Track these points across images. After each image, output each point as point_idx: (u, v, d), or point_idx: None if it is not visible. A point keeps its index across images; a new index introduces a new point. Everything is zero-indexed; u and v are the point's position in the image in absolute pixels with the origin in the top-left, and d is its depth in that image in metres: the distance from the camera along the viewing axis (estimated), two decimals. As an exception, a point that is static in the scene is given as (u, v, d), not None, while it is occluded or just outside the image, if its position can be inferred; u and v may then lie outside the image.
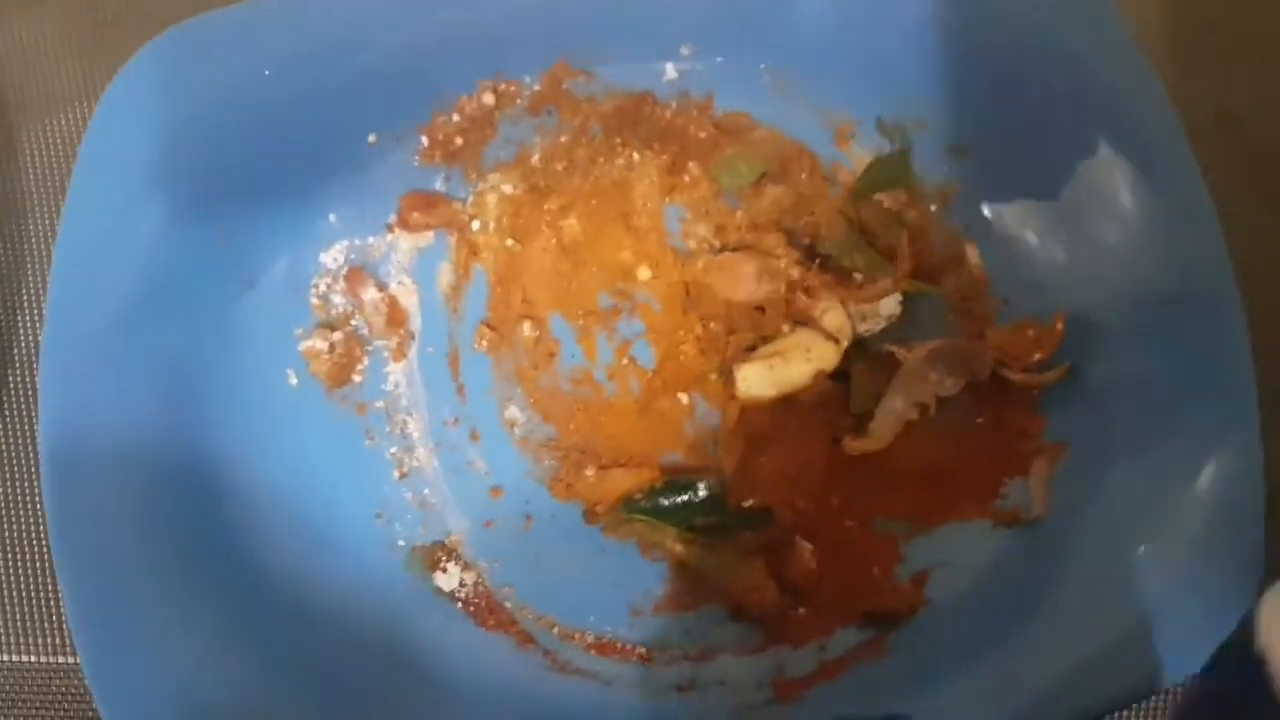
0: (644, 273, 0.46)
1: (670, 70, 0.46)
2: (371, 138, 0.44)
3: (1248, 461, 0.41)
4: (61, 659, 0.43)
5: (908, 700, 0.40)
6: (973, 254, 0.47)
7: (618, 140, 0.47)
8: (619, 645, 0.42)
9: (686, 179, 0.47)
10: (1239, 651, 0.31)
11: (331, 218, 0.44)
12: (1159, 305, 0.42)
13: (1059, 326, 0.44)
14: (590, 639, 0.42)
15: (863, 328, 0.44)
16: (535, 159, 0.47)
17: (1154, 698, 0.44)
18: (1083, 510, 0.43)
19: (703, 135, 0.48)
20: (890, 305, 0.44)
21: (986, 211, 0.46)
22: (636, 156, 0.47)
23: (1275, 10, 0.51)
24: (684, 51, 0.46)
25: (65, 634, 0.44)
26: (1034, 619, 0.41)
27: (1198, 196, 0.41)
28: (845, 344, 0.43)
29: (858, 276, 0.45)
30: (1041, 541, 0.43)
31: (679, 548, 0.43)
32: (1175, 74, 0.49)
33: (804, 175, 0.47)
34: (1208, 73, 0.50)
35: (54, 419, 0.38)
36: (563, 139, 0.47)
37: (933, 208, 0.47)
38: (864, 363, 0.45)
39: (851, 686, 0.40)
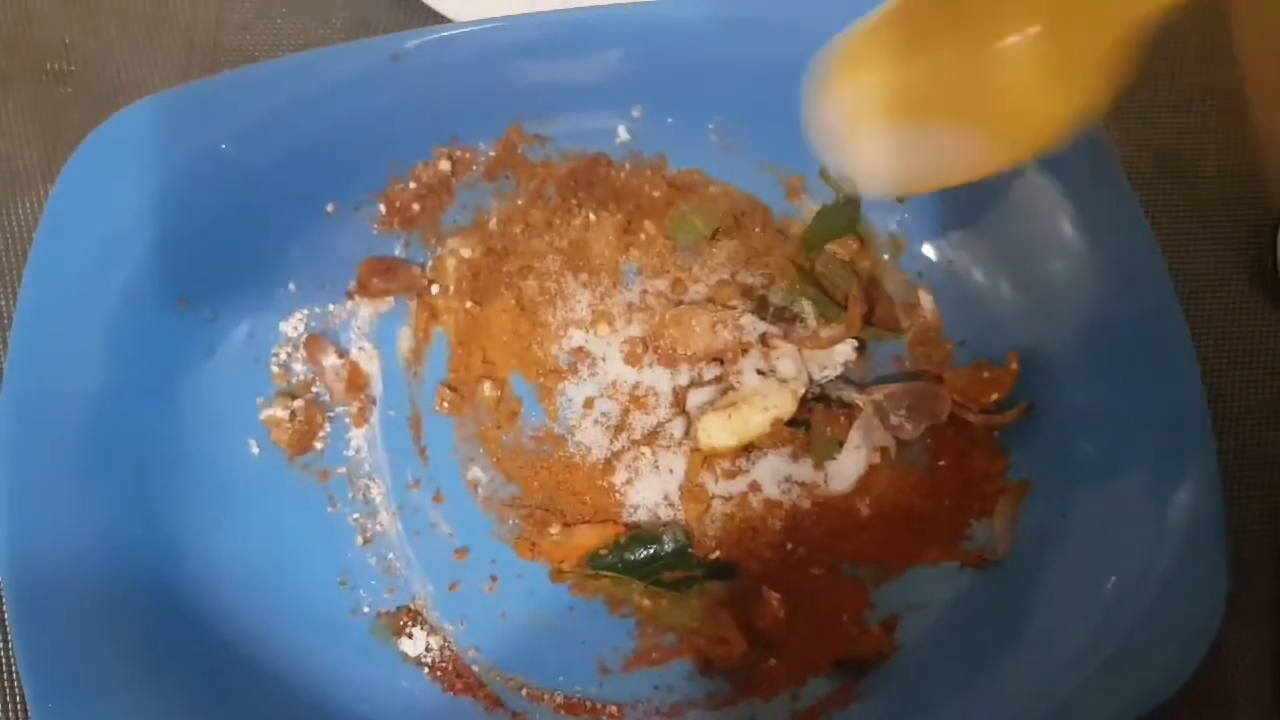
0: (603, 329, 0.46)
1: (622, 132, 0.48)
2: (329, 207, 0.45)
3: (1206, 488, 0.41)
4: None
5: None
6: (926, 300, 0.48)
7: (574, 201, 0.48)
8: (589, 704, 0.42)
9: (642, 236, 0.48)
10: None
11: (291, 286, 0.45)
12: (1109, 336, 0.43)
13: (1014, 366, 0.45)
14: (559, 699, 0.42)
15: (820, 375, 0.45)
16: (493, 223, 0.47)
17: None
18: (1048, 547, 0.43)
19: (657, 194, 0.49)
20: (845, 351, 0.45)
21: (935, 257, 0.48)
22: (593, 217, 0.48)
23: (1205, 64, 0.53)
24: (634, 114, 0.47)
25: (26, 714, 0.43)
26: (1006, 657, 0.41)
27: (1138, 226, 0.42)
28: (802, 391, 0.44)
29: (812, 324, 0.45)
30: (1009, 580, 0.43)
31: (646, 602, 0.43)
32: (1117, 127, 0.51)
33: (758, 229, 0.49)
34: (1145, 122, 0.52)
35: (13, 495, 0.38)
36: (519, 202, 0.48)
37: (885, 257, 0.48)
38: (823, 409, 0.45)
39: (824, 737, 0.40)
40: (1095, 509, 0.43)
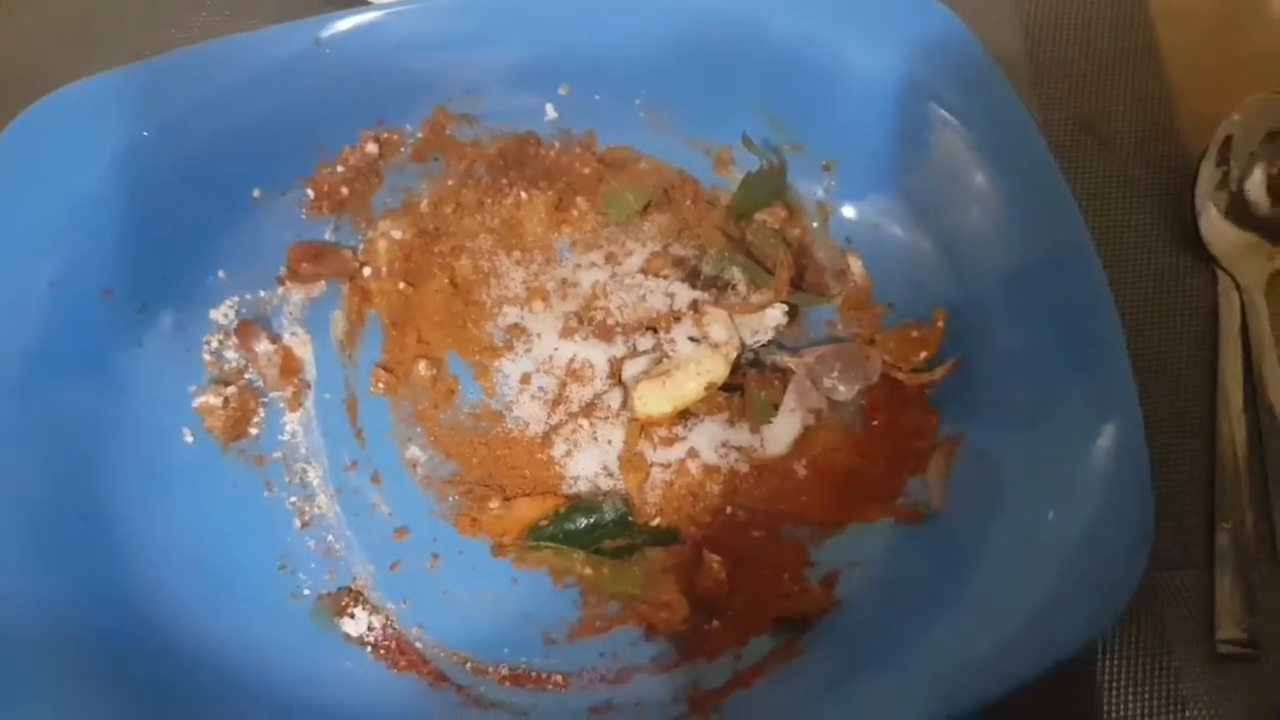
0: (537, 306, 0.47)
1: (550, 110, 0.48)
2: (256, 193, 0.45)
3: (1131, 432, 0.42)
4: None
5: (826, 697, 0.40)
6: (856, 264, 0.49)
7: (504, 181, 0.48)
8: (534, 675, 0.42)
9: (574, 213, 0.49)
10: None
11: (220, 274, 0.45)
12: (1029, 287, 0.43)
13: (939, 324, 0.46)
14: (505, 671, 0.42)
15: (752, 339, 0.46)
16: (424, 204, 0.48)
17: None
18: (981, 499, 0.44)
19: (587, 170, 0.49)
20: (776, 316, 0.46)
21: (861, 221, 0.48)
22: (524, 195, 0.48)
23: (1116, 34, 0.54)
24: (562, 91, 0.48)
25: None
26: (943, 607, 0.42)
27: (1051, 177, 0.43)
28: (734, 355, 0.44)
29: (743, 291, 0.46)
30: (944, 533, 0.44)
31: (588, 571, 0.43)
32: (1032, 91, 0.53)
33: (688, 202, 0.49)
34: (1063, 89, 0.53)
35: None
36: (450, 183, 0.48)
37: (814, 224, 0.49)
38: (757, 374, 0.46)
39: (767, 691, 0.40)
40: (1025, 459, 0.43)
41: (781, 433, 0.45)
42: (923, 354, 0.46)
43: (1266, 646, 0.47)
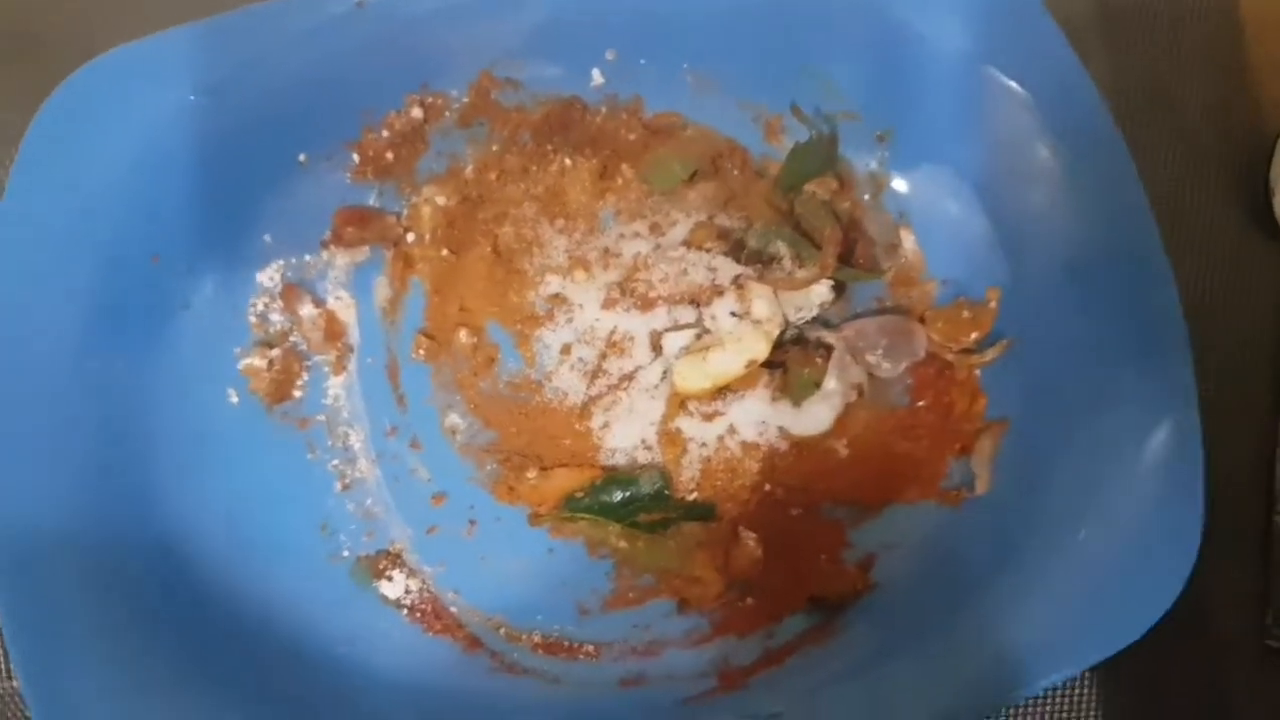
0: (580, 275, 0.46)
1: (597, 75, 0.47)
2: (302, 157, 0.45)
3: (1187, 424, 0.40)
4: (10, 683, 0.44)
5: (858, 681, 0.39)
6: (908, 239, 0.47)
7: (549, 147, 0.48)
8: (567, 644, 0.42)
9: (619, 181, 0.48)
10: None
11: (266, 237, 0.45)
12: (1089, 270, 0.42)
13: (993, 304, 0.45)
14: (538, 639, 0.42)
15: (796, 316, 0.45)
16: (468, 170, 0.47)
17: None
18: (1026, 487, 0.43)
19: (633, 137, 0.48)
20: (822, 293, 0.45)
21: (916, 195, 0.47)
22: (568, 162, 0.47)
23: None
24: (608, 56, 0.46)
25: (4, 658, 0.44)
26: (982, 595, 0.41)
27: (1118, 156, 0.41)
28: (776, 332, 0.44)
29: (788, 266, 0.45)
30: (987, 518, 0.43)
31: (623, 544, 0.43)
32: (1108, 63, 0.50)
33: (735, 171, 0.48)
34: (1135, 56, 0.50)
35: (-8, 447, 0.39)
36: (494, 149, 0.47)
37: (866, 197, 0.48)
38: (799, 351, 0.45)
39: (797, 671, 0.40)
40: (1074, 445, 0.42)
41: (822, 410, 0.44)
42: (974, 334, 0.45)
43: (1321, 642, 0.45)
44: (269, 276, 0.45)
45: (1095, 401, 0.42)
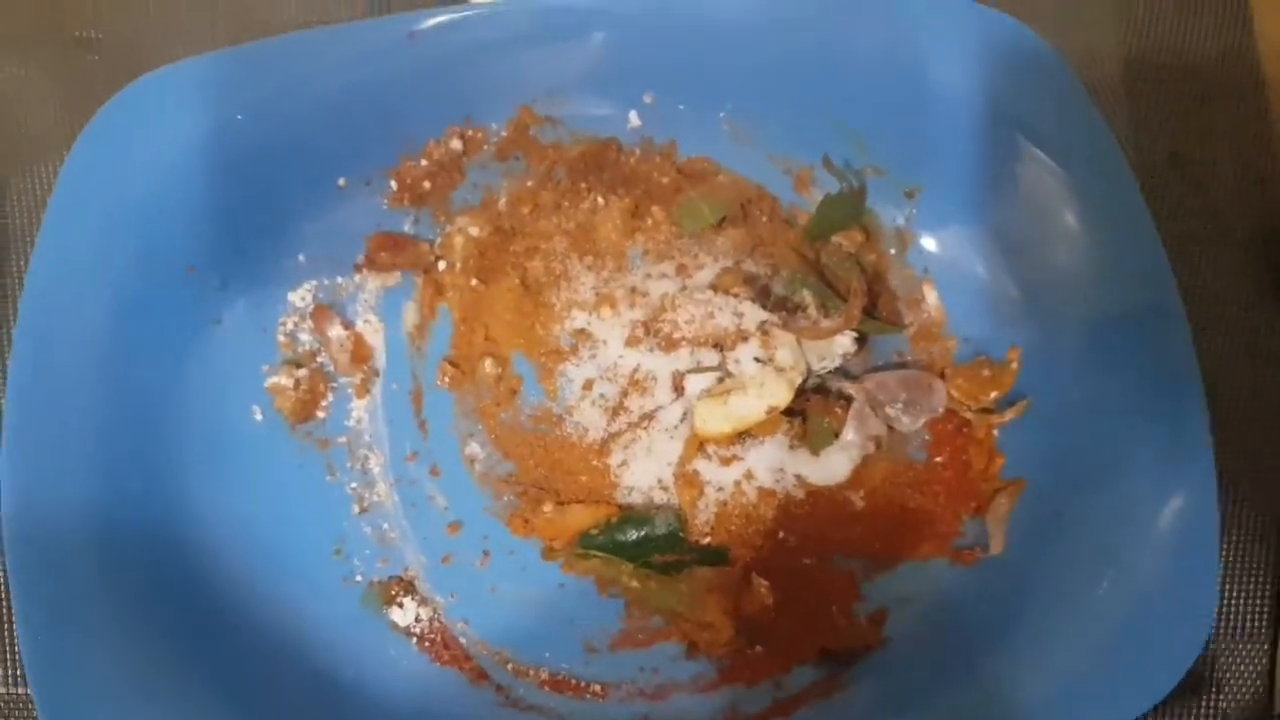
0: (606, 312, 0.47)
1: (634, 118, 0.48)
2: (341, 181, 0.46)
3: (1204, 494, 0.41)
4: (19, 690, 0.43)
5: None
6: (930, 295, 0.48)
7: (583, 185, 0.48)
8: (574, 682, 0.42)
9: (649, 222, 0.48)
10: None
11: (300, 258, 0.46)
12: (1110, 335, 0.42)
13: (1014, 364, 0.45)
14: (545, 675, 0.42)
15: (819, 365, 0.45)
16: (502, 203, 0.48)
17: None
18: (1042, 547, 0.43)
19: (665, 180, 0.49)
20: (845, 343, 0.45)
21: (941, 252, 0.47)
22: (601, 200, 0.48)
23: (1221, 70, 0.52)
24: (646, 99, 0.47)
25: (21, 664, 0.44)
26: (993, 656, 0.41)
27: (1142, 223, 0.42)
28: (799, 380, 0.44)
29: (813, 315, 0.45)
30: (1001, 578, 0.43)
31: (635, 584, 0.43)
32: (1128, 125, 0.51)
33: (764, 219, 0.49)
34: (1161, 124, 0.51)
35: (18, 446, 0.39)
36: (529, 183, 0.48)
37: (891, 251, 0.48)
38: (820, 400, 0.45)
39: (804, 724, 0.40)
40: (1090, 509, 0.42)
41: (840, 461, 0.45)
42: (994, 393, 0.45)
43: (1329, 725, 0.45)
44: (301, 296, 0.46)
45: (1112, 465, 0.43)
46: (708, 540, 0.44)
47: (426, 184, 0.47)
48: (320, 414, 0.45)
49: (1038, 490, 0.44)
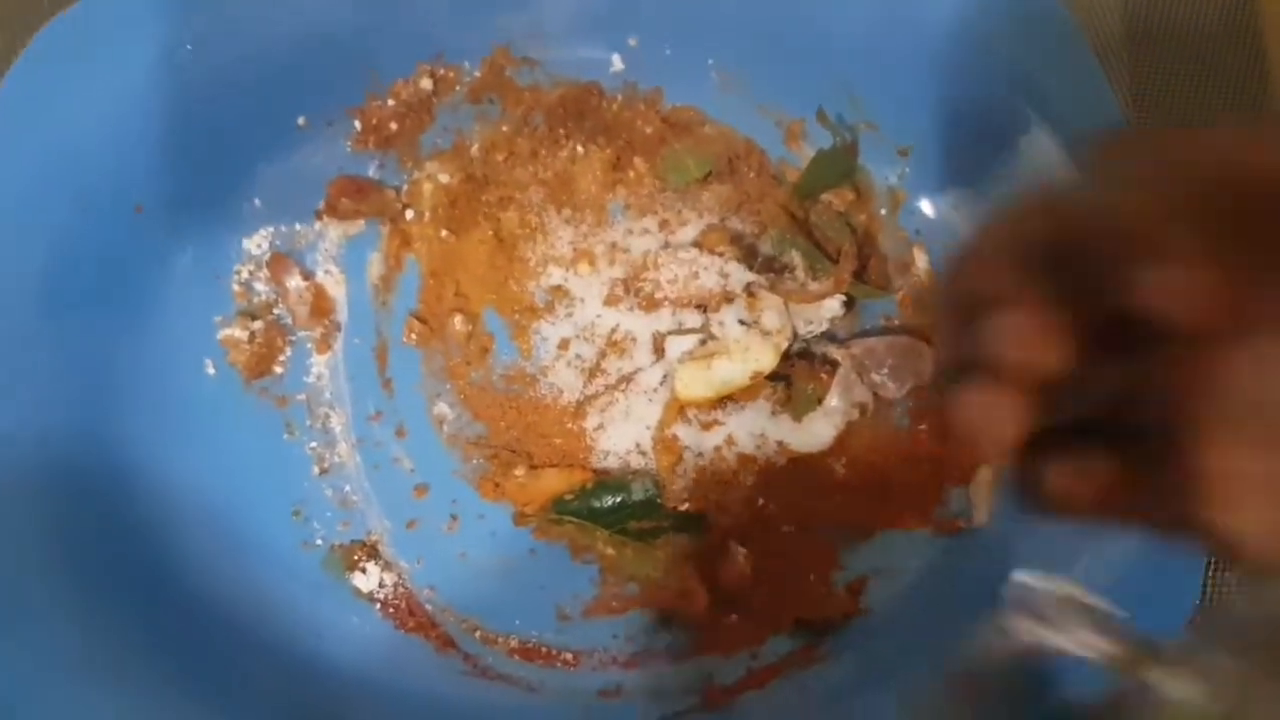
0: (584, 269, 0.44)
1: (617, 61, 0.45)
2: (300, 120, 0.43)
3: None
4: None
5: (841, 708, 0.38)
6: (921, 259, 0.46)
7: (561, 132, 0.46)
8: (544, 650, 0.41)
9: (631, 174, 0.46)
10: None
11: (256, 202, 0.43)
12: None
13: (1004, 332, 0.44)
14: (514, 644, 0.40)
15: (805, 329, 0.43)
16: (474, 149, 0.45)
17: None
18: (1025, 520, 0.42)
19: (650, 130, 0.46)
20: (833, 307, 0.43)
21: (935, 214, 0.46)
22: (580, 149, 0.46)
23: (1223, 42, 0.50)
24: (631, 42, 0.45)
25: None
26: (974, 629, 0.40)
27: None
28: (785, 345, 0.42)
29: (801, 277, 0.43)
30: (982, 550, 0.42)
31: (610, 550, 0.42)
32: (1128, 94, 0.49)
33: (752, 174, 0.46)
34: (1163, 94, 0.50)
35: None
36: (504, 129, 0.45)
37: (883, 212, 0.47)
38: (805, 365, 0.44)
39: (781, 694, 0.39)
40: (1075, 484, 0.42)
41: (823, 428, 0.43)
42: (981, 361, 0.44)
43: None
44: (256, 244, 0.43)
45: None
46: (685, 507, 0.42)
47: (393, 125, 0.44)
48: (277, 369, 0.42)
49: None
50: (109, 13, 0.38)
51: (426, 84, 0.44)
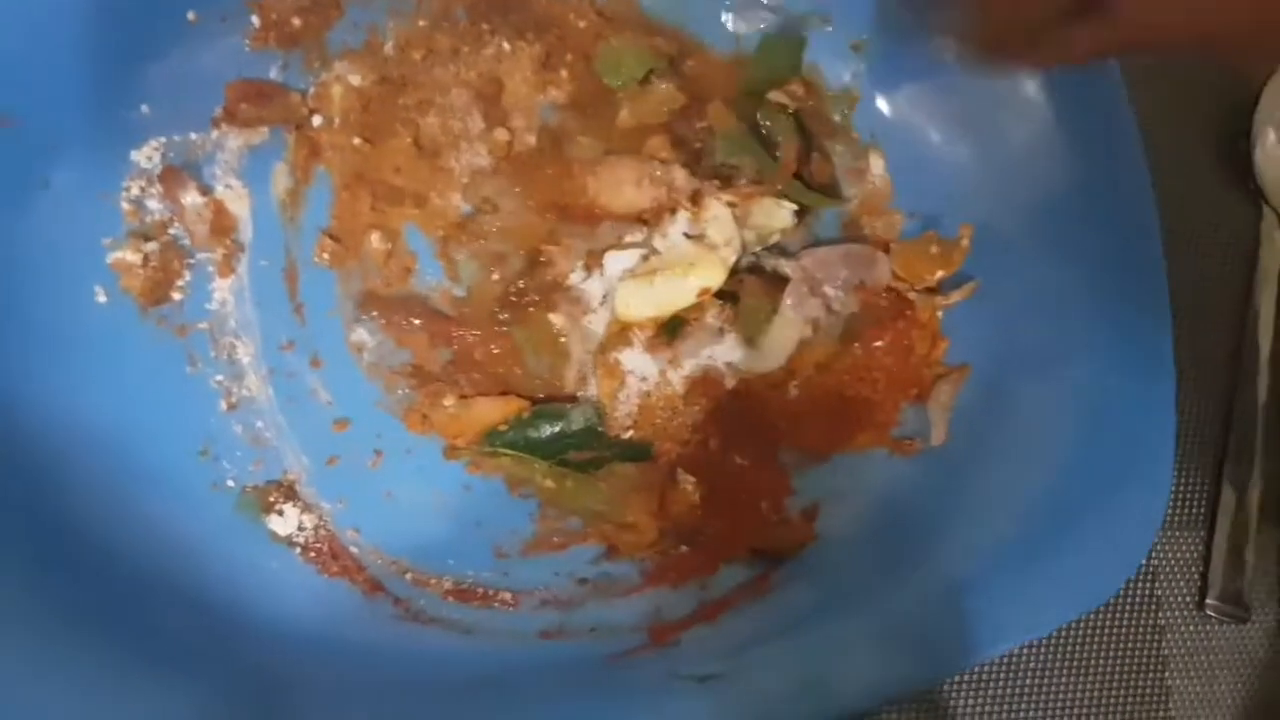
0: (513, 179, 0.41)
1: (545, -53, 0.41)
2: (191, 15, 0.38)
3: (1160, 384, 0.38)
4: None
5: (795, 640, 0.36)
6: (877, 163, 0.44)
7: (485, 27, 0.42)
8: (481, 590, 0.38)
9: (564, 73, 0.42)
10: None
11: (144, 109, 0.38)
12: (1069, 214, 0.39)
13: (964, 242, 0.41)
14: (449, 585, 0.38)
15: (754, 243, 0.40)
16: (388, 46, 0.41)
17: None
18: (984, 438, 0.40)
19: (583, 24, 0.42)
20: (783, 217, 0.40)
21: (891, 115, 0.43)
22: (507, 46, 0.42)
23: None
24: (559, -75, 0.40)
25: None
26: (931, 553, 0.38)
27: (1114, 98, 0.38)
28: (733, 259, 0.39)
29: (745, 182, 0.40)
30: (941, 471, 0.41)
31: (549, 483, 0.39)
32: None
33: (695, 73, 0.43)
34: None
35: None
36: (421, 23, 0.41)
37: (837, 118, 0.44)
38: (755, 281, 0.41)
39: (731, 628, 0.37)
40: (1039, 398, 0.40)
41: (774, 348, 0.41)
42: (940, 272, 0.41)
43: (1256, 610, 0.45)
44: (146, 156, 0.38)
45: (1064, 353, 0.40)
46: (629, 435, 0.40)
47: (296, 21, 0.40)
48: (176, 295, 0.38)
49: (983, 377, 0.41)
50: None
51: (332, -28, 0.39)
